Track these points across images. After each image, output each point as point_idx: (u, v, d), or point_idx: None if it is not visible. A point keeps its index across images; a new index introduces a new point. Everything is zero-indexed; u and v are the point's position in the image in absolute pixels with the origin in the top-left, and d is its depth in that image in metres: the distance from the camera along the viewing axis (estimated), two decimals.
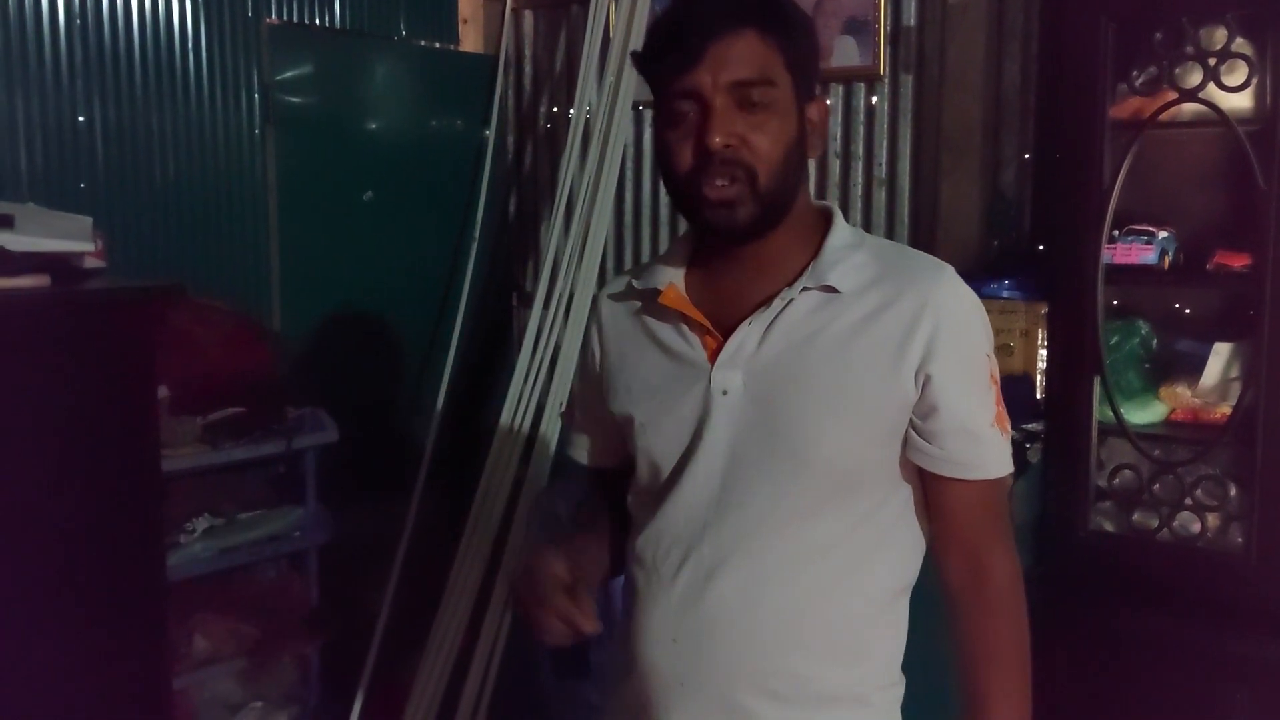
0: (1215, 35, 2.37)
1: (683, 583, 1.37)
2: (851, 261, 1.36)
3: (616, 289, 1.52)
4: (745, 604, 1.33)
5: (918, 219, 3.18)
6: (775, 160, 1.30)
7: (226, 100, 3.09)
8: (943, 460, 1.36)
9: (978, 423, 1.36)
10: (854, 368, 1.32)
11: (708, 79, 1.27)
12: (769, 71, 1.29)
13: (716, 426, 1.36)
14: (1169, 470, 2.51)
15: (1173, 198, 2.65)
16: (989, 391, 1.37)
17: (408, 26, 3.64)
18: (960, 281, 1.37)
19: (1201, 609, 2.40)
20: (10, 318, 2.00)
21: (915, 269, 1.37)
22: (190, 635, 2.76)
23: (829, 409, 1.32)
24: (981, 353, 1.37)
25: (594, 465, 1.62)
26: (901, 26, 3.14)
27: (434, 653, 3.13)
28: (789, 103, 1.31)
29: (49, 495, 2.04)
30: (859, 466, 1.35)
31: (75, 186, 2.79)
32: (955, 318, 1.33)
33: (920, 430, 1.35)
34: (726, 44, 1.27)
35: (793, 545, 1.34)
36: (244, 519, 2.87)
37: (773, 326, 1.35)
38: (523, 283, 4.01)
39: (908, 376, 1.32)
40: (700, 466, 1.38)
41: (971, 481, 1.37)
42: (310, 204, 3.32)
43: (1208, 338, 2.59)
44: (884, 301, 1.33)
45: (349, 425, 3.07)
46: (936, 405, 1.33)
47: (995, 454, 1.38)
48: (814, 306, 1.35)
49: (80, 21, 2.77)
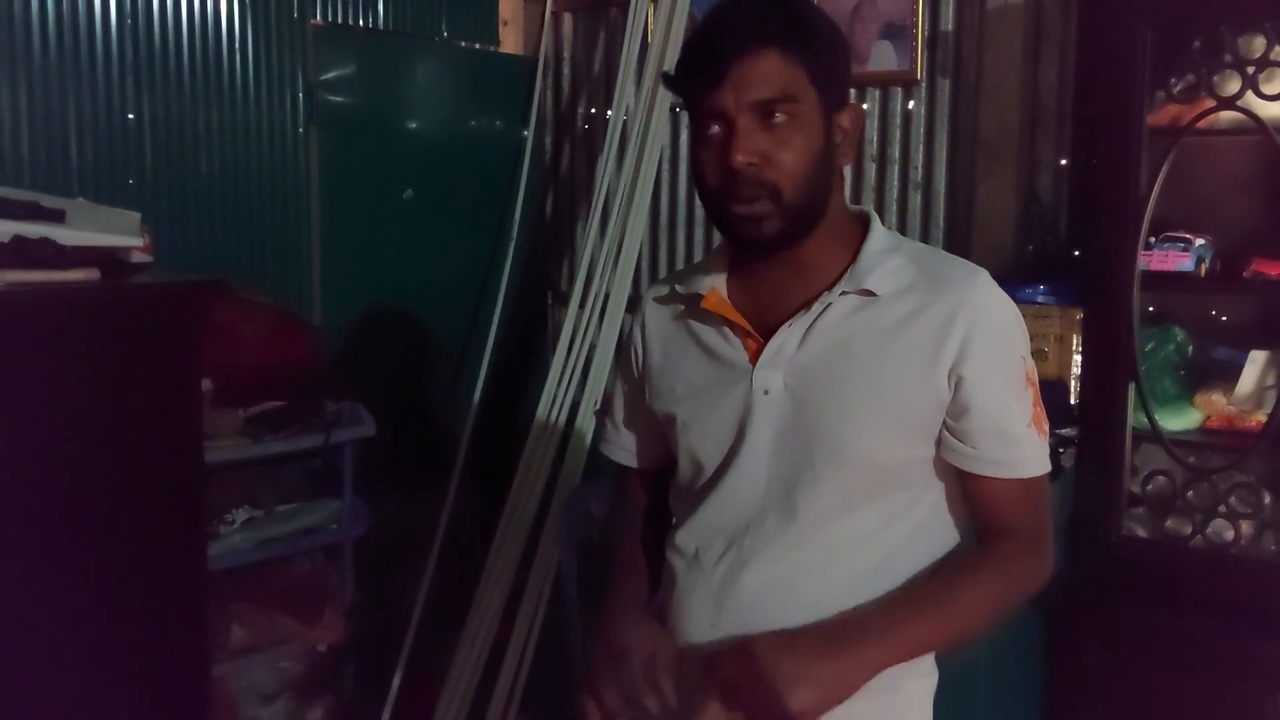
0: (1254, 43, 2.36)
1: (721, 572, 1.42)
2: (889, 266, 1.39)
3: (660, 293, 1.57)
4: (780, 593, 1.37)
5: (953, 223, 3.19)
6: (799, 175, 1.33)
7: (272, 99, 3.14)
8: (977, 459, 1.38)
9: (1012, 423, 1.38)
10: (890, 369, 1.35)
11: (730, 99, 1.31)
12: (791, 89, 1.32)
13: (758, 425, 1.40)
14: (1203, 477, 2.50)
15: (1210, 205, 2.64)
16: (1025, 392, 1.39)
17: (449, 28, 3.67)
18: (994, 285, 1.39)
19: (1234, 616, 2.40)
20: (60, 310, 2.02)
21: (950, 273, 1.39)
22: (228, 625, 2.79)
23: (866, 408, 1.36)
24: (1016, 354, 1.39)
25: (630, 464, 1.66)
26: (939, 31, 3.15)
27: (468, 645, 3.15)
28: (814, 116, 1.34)
29: (94, 485, 2.07)
30: (895, 464, 1.39)
31: (124, 182, 2.84)
32: (988, 320, 1.36)
33: (954, 430, 1.38)
34: (748, 65, 1.31)
35: (830, 538, 1.38)
36: (282, 511, 2.90)
37: (812, 329, 1.39)
38: (558, 282, 4.03)
39: (941, 378, 1.35)
40: (744, 463, 1.42)
41: (1008, 480, 1.39)
42: (351, 201, 3.36)
43: (1244, 345, 2.58)
44: (920, 305, 1.36)
45: (386, 420, 3.09)
46: (969, 406, 1.36)
47: (1031, 454, 1.40)
48: (852, 309, 1.38)
49: (131, 22, 2.82)
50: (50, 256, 2.01)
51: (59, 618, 2.03)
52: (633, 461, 1.66)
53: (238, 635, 2.81)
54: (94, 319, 2.09)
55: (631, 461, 1.66)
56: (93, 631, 2.09)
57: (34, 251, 1.99)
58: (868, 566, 1.38)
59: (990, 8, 3.03)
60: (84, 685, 2.08)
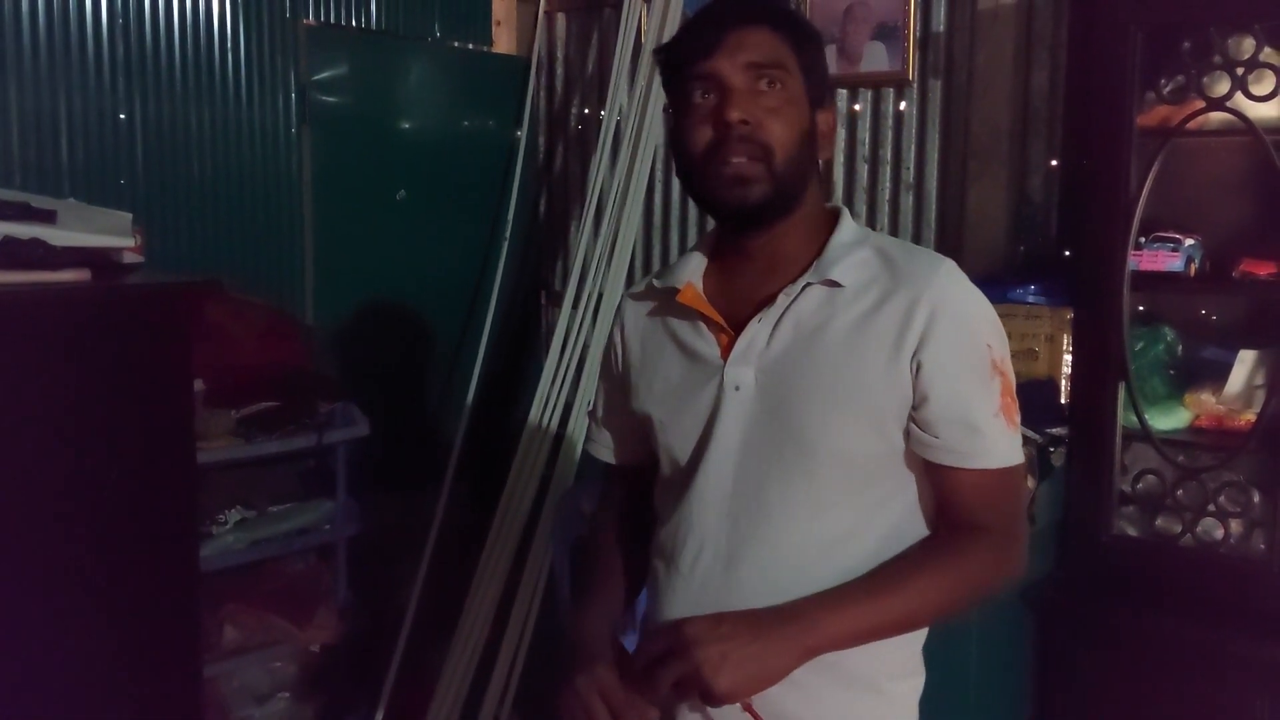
0: (1243, 45, 2.37)
1: (700, 573, 1.41)
2: (855, 257, 1.39)
3: (638, 290, 1.57)
4: (761, 595, 1.34)
5: (944, 223, 3.19)
6: (790, 143, 1.35)
7: (264, 99, 3.14)
8: (939, 449, 1.36)
9: (975, 412, 1.35)
10: (856, 361, 1.35)
11: (726, 62, 1.34)
12: (782, 59, 1.36)
13: (727, 421, 1.40)
14: (1192, 476, 2.51)
15: (1199, 205, 2.65)
16: (991, 381, 1.37)
17: (442, 28, 3.68)
18: (959, 273, 1.38)
19: (1223, 615, 2.41)
20: (51, 311, 2.03)
21: (914, 264, 1.39)
22: (220, 625, 2.80)
23: (834, 403, 1.35)
24: (980, 342, 1.37)
25: (616, 463, 1.65)
26: (931, 32, 3.15)
27: (460, 645, 3.16)
28: (801, 95, 1.38)
29: (86, 485, 2.08)
30: (865, 459, 1.37)
31: (115, 182, 2.84)
32: (949, 308, 1.34)
33: (917, 420, 1.36)
34: (743, 33, 1.36)
35: (807, 537, 1.37)
36: (275, 511, 2.91)
37: (780, 322, 1.39)
38: (552, 282, 4.04)
39: (904, 367, 1.34)
40: (713, 461, 1.41)
41: (972, 470, 1.36)
42: (344, 201, 3.36)
43: (1233, 345, 2.59)
44: (883, 295, 1.36)
45: (379, 420, 3.10)
46: (928, 394, 1.34)
47: (997, 444, 1.37)
48: (819, 302, 1.38)
49: (122, 21, 2.82)
50: (41, 257, 2.01)
51: (51, 618, 2.04)
52: (617, 460, 1.65)
53: (230, 636, 2.81)
54: (85, 320, 2.09)
55: (616, 460, 1.65)
56: (85, 632, 2.09)
57: (25, 252, 1.99)
58: (847, 566, 1.35)
59: (982, 9, 3.05)
60: (76, 685, 2.08)
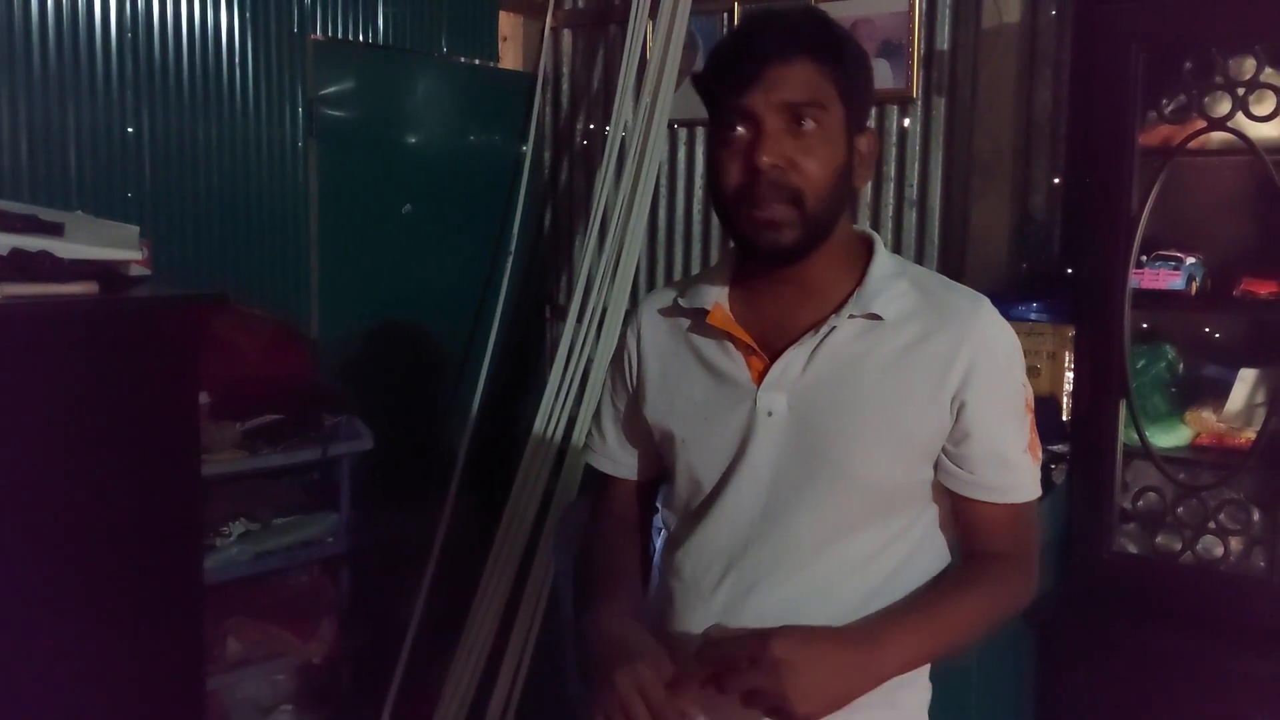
0: (1244, 65, 2.39)
1: (723, 596, 1.42)
2: (894, 290, 1.40)
3: (663, 304, 1.55)
4: (783, 617, 1.33)
5: (948, 240, 3.20)
6: (823, 185, 1.32)
7: (271, 113, 3.16)
8: (973, 484, 1.41)
9: (1010, 449, 1.40)
10: (896, 394, 1.37)
11: (760, 100, 1.31)
12: (821, 97, 1.32)
13: (760, 446, 1.40)
14: (1193, 494, 2.52)
15: (1200, 224, 2.67)
16: (1024, 419, 1.42)
17: (449, 43, 3.69)
18: (997, 314, 1.41)
19: (1223, 632, 2.42)
20: (59, 323, 2.04)
21: (956, 301, 1.41)
22: (224, 637, 2.79)
23: (872, 433, 1.37)
24: (1017, 382, 1.42)
25: (620, 476, 1.64)
26: (935, 50, 3.17)
27: (463, 658, 3.16)
28: (839, 130, 1.34)
29: (91, 497, 2.08)
30: (895, 487, 1.40)
31: (123, 196, 2.85)
32: (991, 350, 1.38)
33: (952, 455, 1.40)
34: (781, 69, 1.31)
35: (832, 561, 1.39)
36: (279, 524, 2.91)
37: (818, 351, 1.39)
38: (556, 296, 4.05)
39: (944, 404, 1.37)
40: (744, 484, 1.42)
41: (1001, 505, 1.42)
42: (350, 216, 3.37)
43: (1233, 363, 2.61)
44: (925, 331, 1.38)
45: (384, 433, 3.11)
46: (970, 432, 1.38)
47: (1025, 479, 1.43)
48: (858, 333, 1.39)
49: (130, 35, 2.83)
50: (49, 269, 2.02)
51: (56, 629, 2.04)
52: (620, 473, 1.64)
53: (233, 648, 2.81)
54: (92, 332, 2.10)
55: (619, 473, 1.64)
56: (89, 642, 2.10)
57: (32, 264, 2.00)
58: (867, 590, 1.38)
59: (986, 28, 3.06)
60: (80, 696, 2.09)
